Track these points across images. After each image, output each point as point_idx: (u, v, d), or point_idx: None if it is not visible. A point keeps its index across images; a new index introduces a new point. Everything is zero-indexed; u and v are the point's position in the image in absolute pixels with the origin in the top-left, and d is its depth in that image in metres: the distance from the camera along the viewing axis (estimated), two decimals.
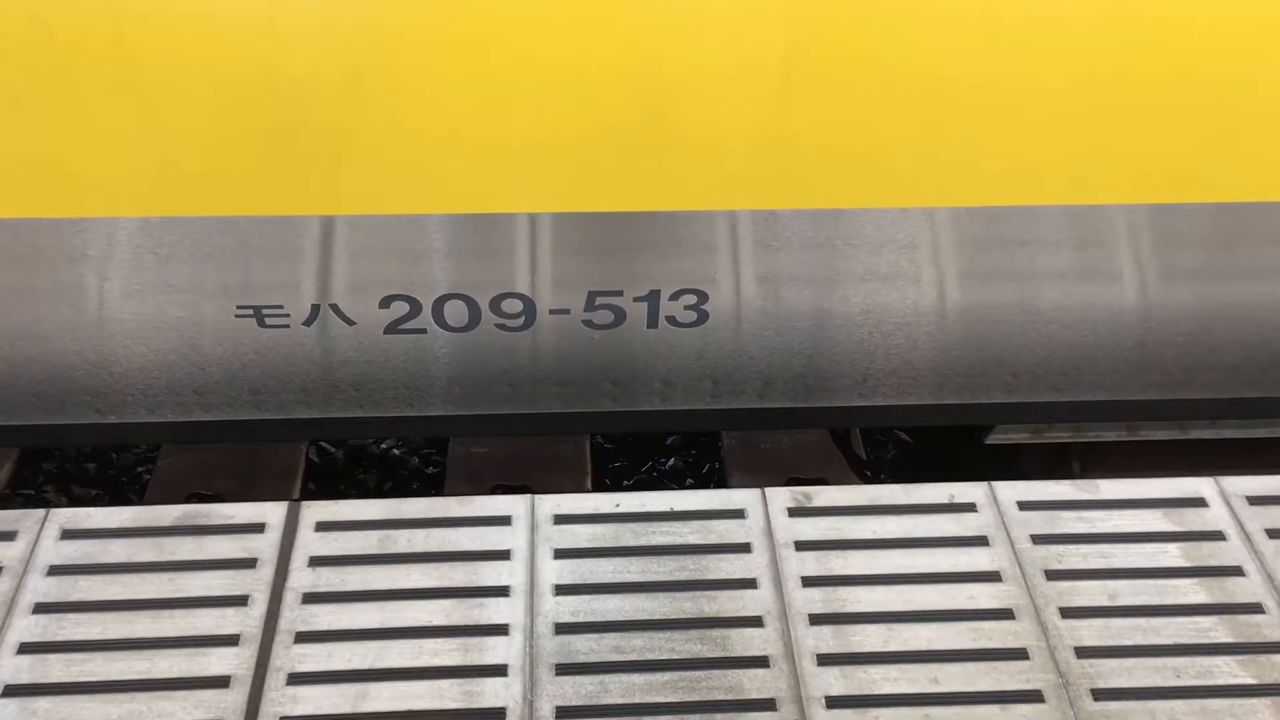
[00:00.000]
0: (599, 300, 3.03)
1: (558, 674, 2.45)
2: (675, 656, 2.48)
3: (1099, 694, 2.43)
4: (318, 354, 3.10)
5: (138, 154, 2.68)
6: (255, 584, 2.60)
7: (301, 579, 2.61)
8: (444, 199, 2.83)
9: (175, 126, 2.65)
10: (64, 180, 2.72)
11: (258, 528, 2.71)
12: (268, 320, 3.01)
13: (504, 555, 2.68)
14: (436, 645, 2.49)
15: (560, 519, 2.77)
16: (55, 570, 2.62)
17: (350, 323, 3.04)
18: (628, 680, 2.44)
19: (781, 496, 2.83)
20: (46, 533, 2.70)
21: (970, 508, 2.81)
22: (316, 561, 2.65)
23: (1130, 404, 3.38)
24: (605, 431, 4.13)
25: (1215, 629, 2.56)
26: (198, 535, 2.70)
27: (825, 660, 2.48)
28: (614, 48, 2.62)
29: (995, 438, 3.61)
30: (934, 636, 2.53)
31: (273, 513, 2.75)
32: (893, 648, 2.51)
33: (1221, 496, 2.84)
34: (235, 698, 2.39)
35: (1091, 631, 2.55)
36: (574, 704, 2.40)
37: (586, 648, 2.50)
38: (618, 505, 2.80)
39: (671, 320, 3.09)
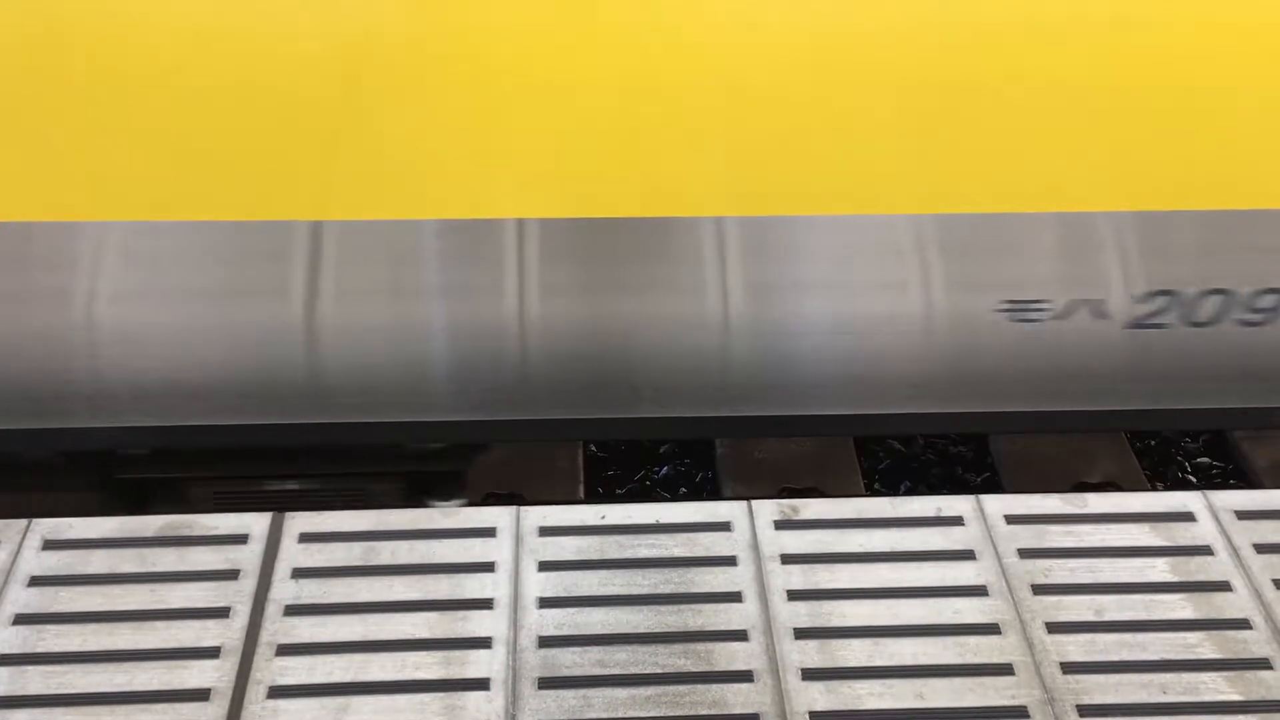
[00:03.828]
0: None
1: (540, 688, 2.43)
2: (659, 671, 2.47)
3: (1085, 710, 2.42)
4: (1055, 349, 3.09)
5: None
6: (237, 596, 2.58)
7: (284, 591, 2.60)
8: None
9: None
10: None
11: (240, 539, 2.70)
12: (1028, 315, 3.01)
13: (488, 567, 2.67)
14: (419, 658, 2.48)
15: (545, 531, 2.75)
16: (36, 581, 2.60)
17: (1104, 317, 3.01)
18: (611, 695, 2.43)
19: (768, 509, 2.82)
20: (28, 543, 2.68)
21: (958, 521, 2.80)
22: (299, 573, 2.63)
23: None
24: None
25: (1202, 645, 2.55)
26: (180, 546, 2.68)
27: (810, 675, 2.47)
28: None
29: None
30: (920, 651, 2.52)
31: (256, 524, 2.74)
32: (878, 662, 2.50)
33: (1209, 511, 2.83)
34: (215, 711, 2.37)
35: (1078, 647, 2.54)
36: (556, 718, 2.38)
37: (570, 661, 2.48)
38: (603, 517, 2.79)
39: None
